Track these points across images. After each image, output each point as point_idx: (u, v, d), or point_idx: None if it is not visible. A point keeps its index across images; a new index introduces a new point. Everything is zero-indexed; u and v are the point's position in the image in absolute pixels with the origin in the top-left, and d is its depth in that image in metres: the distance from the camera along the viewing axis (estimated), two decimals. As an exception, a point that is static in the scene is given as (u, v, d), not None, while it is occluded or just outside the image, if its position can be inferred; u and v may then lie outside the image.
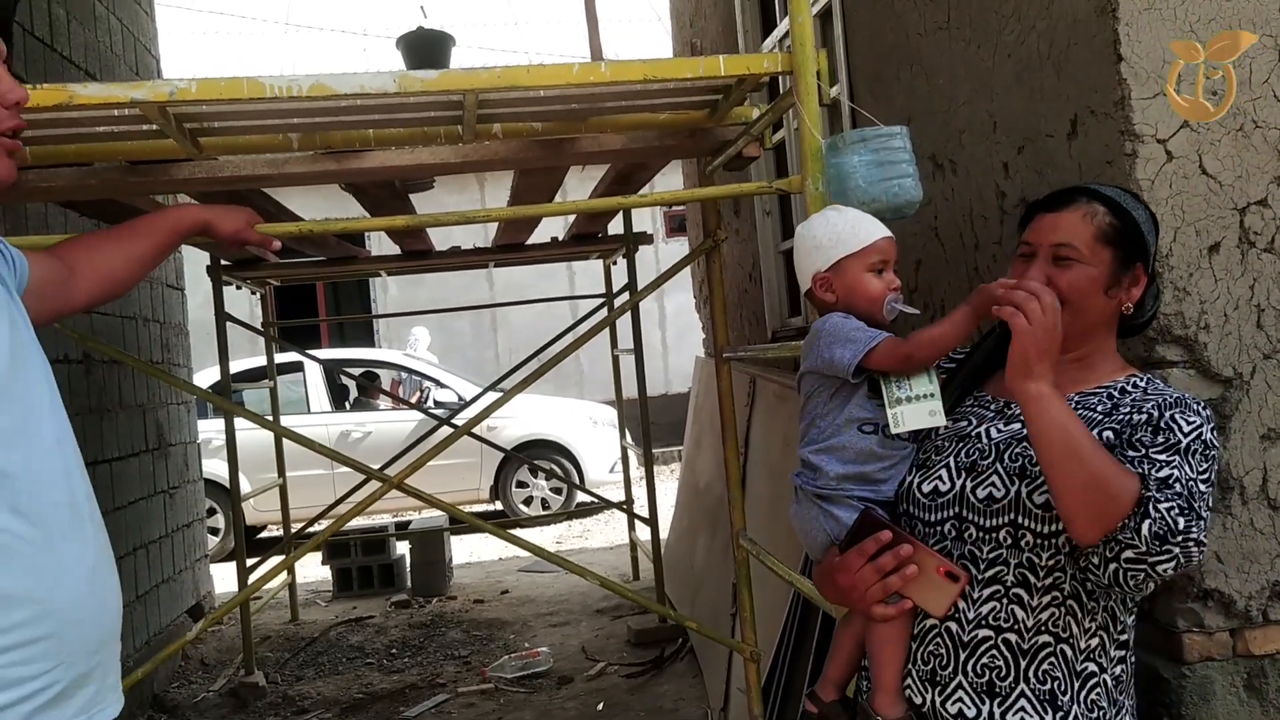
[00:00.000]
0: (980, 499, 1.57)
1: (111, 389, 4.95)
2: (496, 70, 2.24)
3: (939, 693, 1.58)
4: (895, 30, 3.55)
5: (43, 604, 1.32)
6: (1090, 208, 1.63)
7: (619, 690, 4.94)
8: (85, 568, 1.40)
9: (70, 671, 1.35)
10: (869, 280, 1.77)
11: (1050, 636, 1.53)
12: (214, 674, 5.63)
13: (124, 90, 2.14)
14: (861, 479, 1.68)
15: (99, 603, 1.43)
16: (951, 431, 1.68)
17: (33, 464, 1.35)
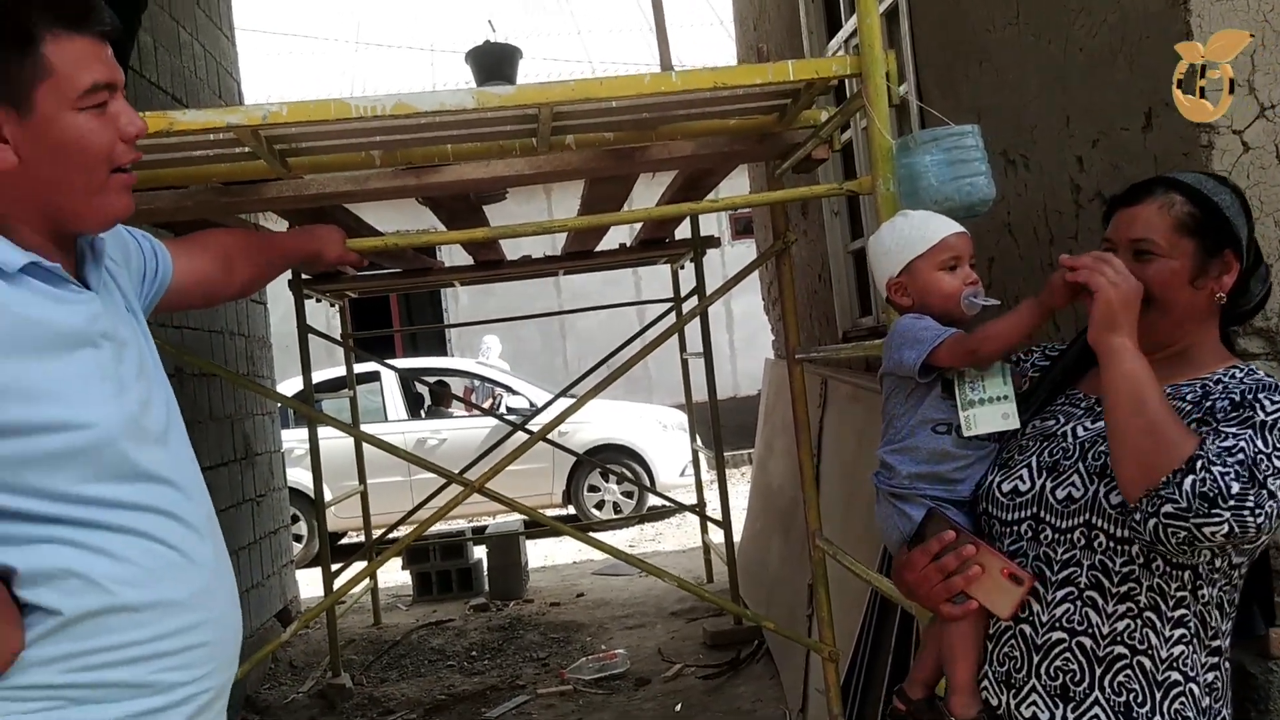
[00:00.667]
0: (1059, 500, 1.54)
1: (202, 401, 5.13)
2: (570, 83, 2.31)
3: (1013, 695, 1.56)
4: (963, 27, 3.55)
5: (202, 612, 1.39)
6: (1167, 198, 1.58)
7: (696, 692, 4.98)
8: (229, 580, 1.50)
9: (218, 679, 1.44)
10: (941, 278, 1.76)
11: (1125, 649, 1.49)
12: (302, 676, 5.79)
13: (220, 115, 2.25)
14: (935, 478, 1.69)
15: (238, 616, 1.52)
16: (1037, 430, 1.65)
17: (179, 476, 1.43)
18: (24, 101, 1.29)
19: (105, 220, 1.41)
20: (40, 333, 1.29)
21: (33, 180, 1.32)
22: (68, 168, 1.33)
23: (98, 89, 1.33)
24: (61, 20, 1.31)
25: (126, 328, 1.46)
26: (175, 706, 1.35)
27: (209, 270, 1.82)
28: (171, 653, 1.35)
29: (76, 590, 1.27)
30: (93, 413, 1.31)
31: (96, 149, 1.34)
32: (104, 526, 1.30)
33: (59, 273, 1.35)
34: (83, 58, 1.32)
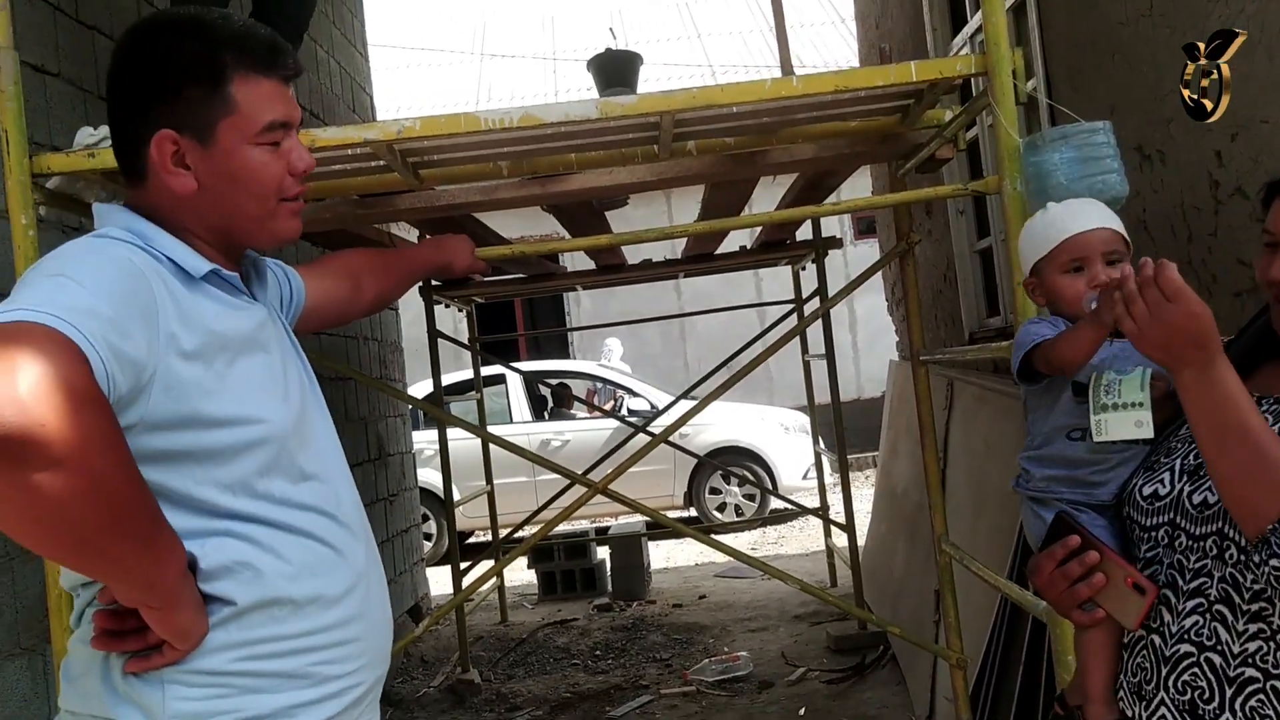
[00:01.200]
0: (1195, 504, 1.46)
1: (338, 403, 5.35)
2: (692, 91, 2.34)
3: (1144, 707, 1.50)
4: (1093, 20, 3.46)
5: (356, 608, 1.46)
6: None
7: (820, 696, 4.95)
8: (381, 579, 1.57)
9: (372, 674, 1.50)
10: (1063, 283, 1.69)
11: (1258, 672, 1.40)
12: (433, 671, 5.97)
13: (358, 132, 2.36)
14: (1073, 481, 1.64)
15: (388, 614, 1.58)
16: (1189, 432, 1.54)
17: (334, 478, 1.51)
18: (208, 134, 1.41)
19: (274, 240, 1.52)
20: (222, 337, 1.38)
21: (210, 203, 1.44)
22: (241, 195, 1.44)
23: (274, 127, 1.45)
24: (250, 64, 1.43)
25: (286, 342, 1.57)
26: (331, 698, 1.42)
27: (339, 291, 1.93)
28: (328, 646, 1.42)
29: (248, 582, 1.35)
30: (265, 411, 1.40)
31: (268, 180, 1.45)
32: (271, 523, 1.38)
33: (236, 282, 1.46)
34: (265, 98, 1.44)
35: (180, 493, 1.32)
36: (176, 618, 1.30)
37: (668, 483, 9.57)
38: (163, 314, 1.29)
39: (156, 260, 1.37)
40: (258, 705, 1.35)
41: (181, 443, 1.32)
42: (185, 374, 1.31)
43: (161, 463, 1.31)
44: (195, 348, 1.33)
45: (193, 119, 1.41)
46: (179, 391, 1.30)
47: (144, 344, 1.25)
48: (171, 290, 1.34)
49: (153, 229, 1.41)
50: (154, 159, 1.41)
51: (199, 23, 1.45)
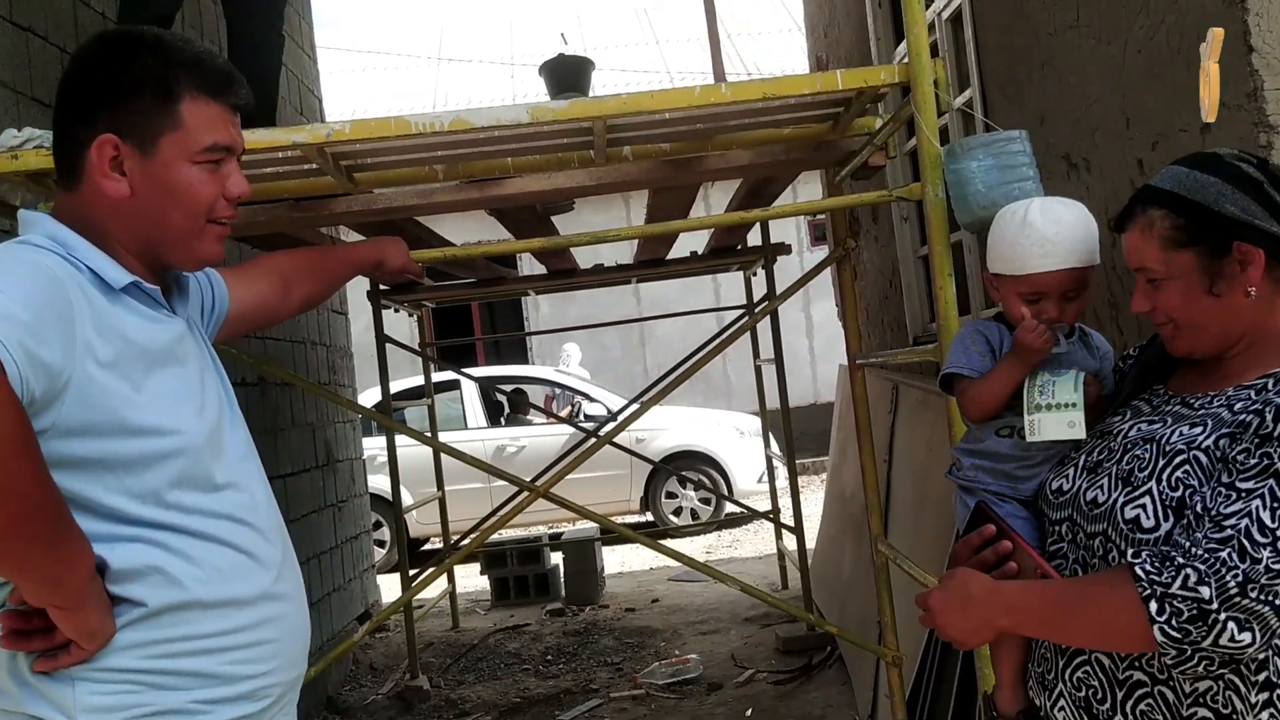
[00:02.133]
0: (1087, 502, 1.48)
1: (284, 409, 5.31)
2: (622, 97, 2.37)
3: (1048, 697, 1.53)
4: (1025, 31, 3.53)
5: (268, 610, 1.49)
6: (1145, 219, 1.45)
7: (768, 697, 4.98)
8: (297, 582, 1.59)
9: (285, 676, 1.53)
10: (1016, 304, 1.73)
11: (1145, 675, 1.40)
12: (382, 678, 5.94)
13: (287, 134, 2.36)
14: (999, 474, 1.69)
15: (305, 617, 1.61)
16: (1101, 428, 1.60)
17: (250, 486, 1.54)
18: (150, 144, 1.45)
19: (196, 261, 1.55)
20: (139, 349, 1.41)
21: (140, 212, 1.47)
22: (173, 208, 1.47)
23: (216, 150, 1.49)
24: (201, 86, 1.48)
25: (205, 356, 1.59)
26: (243, 699, 1.45)
27: (266, 294, 1.94)
28: (239, 647, 1.45)
29: (159, 585, 1.38)
30: (179, 423, 1.43)
31: (200, 199, 1.48)
32: (183, 530, 1.41)
33: (156, 295, 1.48)
34: (210, 121, 1.48)
35: (90, 499, 1.35)
36: (83, 618, 1.32)
37: (624, 487, 9.59)
38: (79, 322, 1.32)
39: (77, 269, 1.39)
40: (167, 701, 1.38)
41: (94, 450, 1.34)
42: (101, 382, 1.33)
43: (73, 469, 1.33)
44: (111, 357, 1.35)
45: (138, 128, 1.45)
46: (93, 399, 1.32)
47: (59, 350, 1.27)
48: (90, 299, 1.36)
49: (75, 238, 1.43)
50: (92, 160, 1.45)
51: (161, 41, 1.51)
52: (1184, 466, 1.37)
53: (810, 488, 10.50)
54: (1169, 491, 1.36)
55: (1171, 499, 1.36)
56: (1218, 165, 1.46)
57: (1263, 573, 1.25)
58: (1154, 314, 1.49)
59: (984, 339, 1.77)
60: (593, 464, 9.13)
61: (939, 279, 2.32)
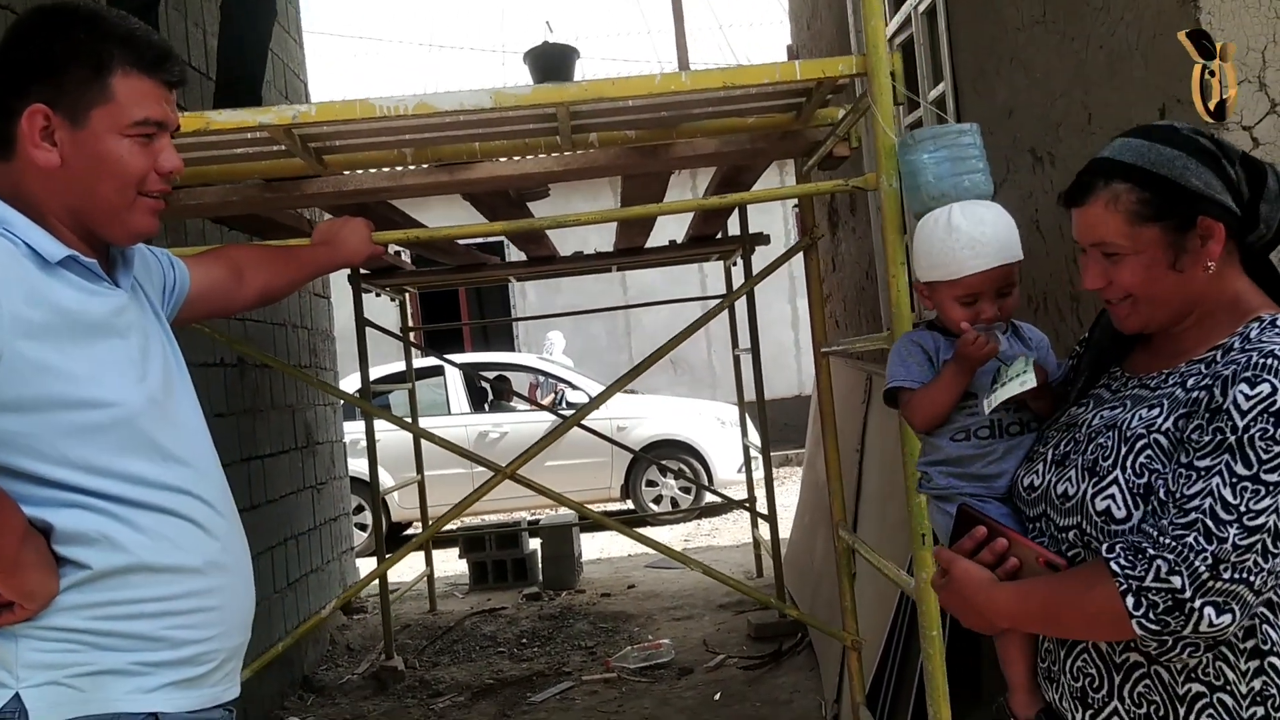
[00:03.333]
0: (1058, 495, 1.47)
1: (264, 390, 5.34)
2: (584, 84, 2.41)
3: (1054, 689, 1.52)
4: (994, 26, 3.57)
5: (214, 579, 1.53)
6: (1109, 192, 1.41)
7: (737, 682, 5.04)
8: (243, 553, 1.63)
9: (228, 643, 1.56)
10: (954, 308, 1.75)
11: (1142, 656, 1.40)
12: (358, 659, 5.99)
13: (253, 115, 2.40)
14: (970, 477, 1.69)
15: (249, 588, 1.65)
16: (1065, 420, 1.58)
17: (198, 459, 1.58)
18: (80, 116, 1.48)
19: (128, 235, 1.57)
20: (74, 320, 1.44)
21: (70, 183, 1.49)
22: (100, 180, 1.50)
23: (147, 124, 1.51)
24: (134, 61, 1.50)
25: (151, 327, 1.62)
26: (185, 663, 1.49)
27: (222, 282, 1.97)
28: (182, 612, 1.48)
29: (104, 550, 1.42)
30: (117, 394, 1.46)
31: (129, 171, 1.51)
32: (130, 500, 1.45)
33: (94, 268, 1.51)
34: (143, 96, 1.50)
35: (31, 470, 1.38)
36: (20, 580, 1.36)
37: (605, 475, 9.64)
38: (8, 297, 1.35)
39: (13, 244, 1.42)
40: (108, 661, 1.42)
41: (29, 423, 1.37)
42: (32, 356, 1.36)
43: (10, 443, 1.36)
44: (45, 330, 1.39)
45: (69, 100, 1.47)
46: (25, 374, 1.36)
47: None
48: (23, 273, 1.39)
49: (11, 213, 1.46)
50: (23, 130, 1.47)
51: (95, 15, 1.53)
52: (1146, 451, 1.36)
53: (793, 478, 10.55)
54: (1134, 479, 1.36)
55: (1138, 485, 1.36)
56: (1176, 138, 1.42)
57: (1230, 551, 1.25)
58: (1108, 290, 1.45)
59: (920, 349, 1.79)
60: (574, 451, 9.30)
61: (891, 267, 2.37)
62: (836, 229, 6.22)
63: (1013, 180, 3.50)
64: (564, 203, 9.11)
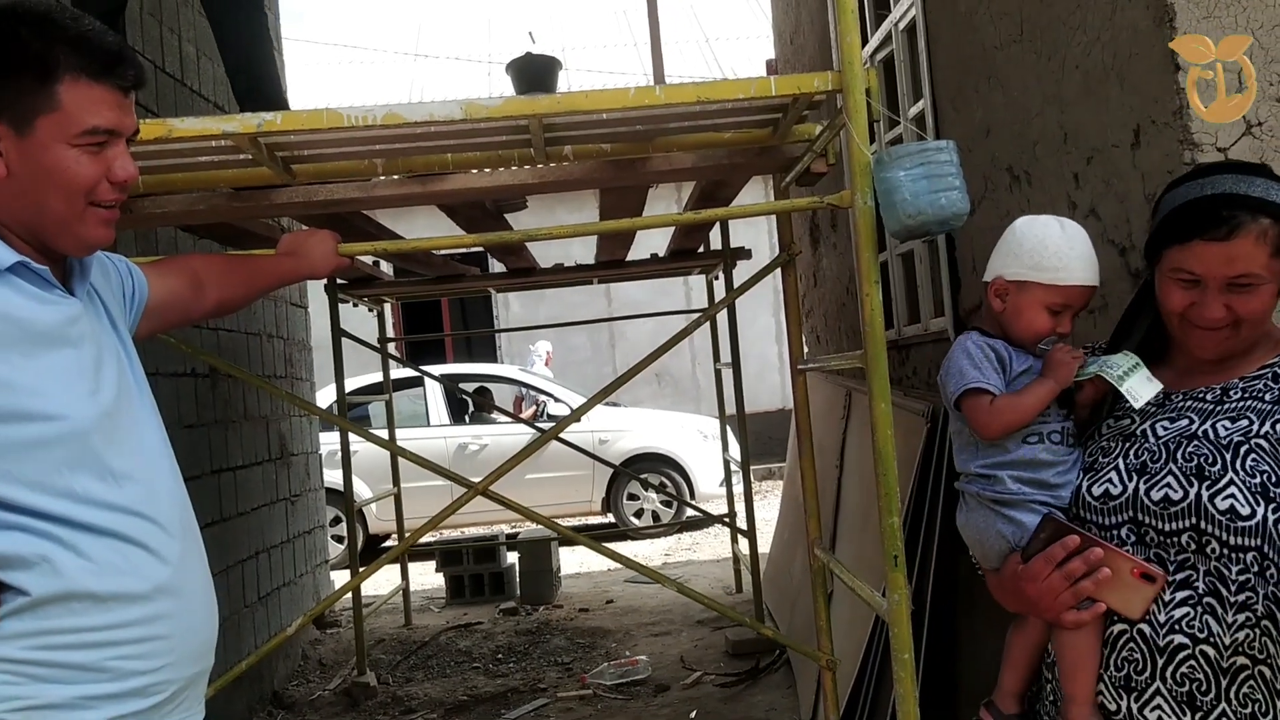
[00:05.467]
0: (1155, 501, 1.51)
1: (236, 401, 5.28)
2: (557, 96, 2.38)
3: (1135, 698, 1.52)
4: (972, 44, 3.56)
5: (164, 606, 1.46)
6: (1258, 226, 1.51)
7: (713, 699, 5.00)
8: (200, 577, 1.56)
9: (180, 672, 1.49)
10: (1039, 315, 1.72)
11: (1247, 659, 1.45)
12: (330, 674, 5.91)
13: (216, 123, 2.35)
14: (1039, 484, 1.66)
15: (209, 613, 1.58)
16: (1115, 431, 1.63)
17: (151, 478, 1.51)
18: (25, 125, 1.41)
19: (80, 246, 1.51)
20: (22, 329, 1.38)
21: (18, 193, 1.43)
22: (49, 191, 1.44)
23: (97, 132, 1.44)
24: (83, 67, 1.43)
25: (107, 338, 1.56)
26: (132, 695, 1.42)
27: (178, 290, 1.91)
28: (128, 641, 1.42)
29: (45, 575, 1.35)
30: (66, 407, 1.40)
31: (78, 181, 1.45)
32: (73, 522, 1.38)
33: (46, 275, 1.45)
34: (93, 103, 1.43)
35: None
36: None
37: (586, 488, 9.59)
38: None
39: None
40: (49, 694, 1.35)
41: None
42: None
43: None
44: None
45: (13, 107, 1.41)
46: None
47: None
48: None
49: None
50: None
51: (44, 17, 1.45)
52: (1251, 455, 1.47)
53: (775, 492, 10.52)
54: (1248, 479, 1.45)
55: (1254, 485, 1.44)
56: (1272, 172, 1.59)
57: None
58: (1224, 319, 1.54)
59: (994, 353, 1.73)
60: (555, 464, 9.24)
61: (865, 286, 2.34)
62: (818, 245, 6.20)
63: (991, 198, 3.49)
64: (547, 214, 9.07)
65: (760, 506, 7.35)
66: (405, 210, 6.32)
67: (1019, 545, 1.64)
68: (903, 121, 3.27)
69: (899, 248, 4.69)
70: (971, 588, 3.32)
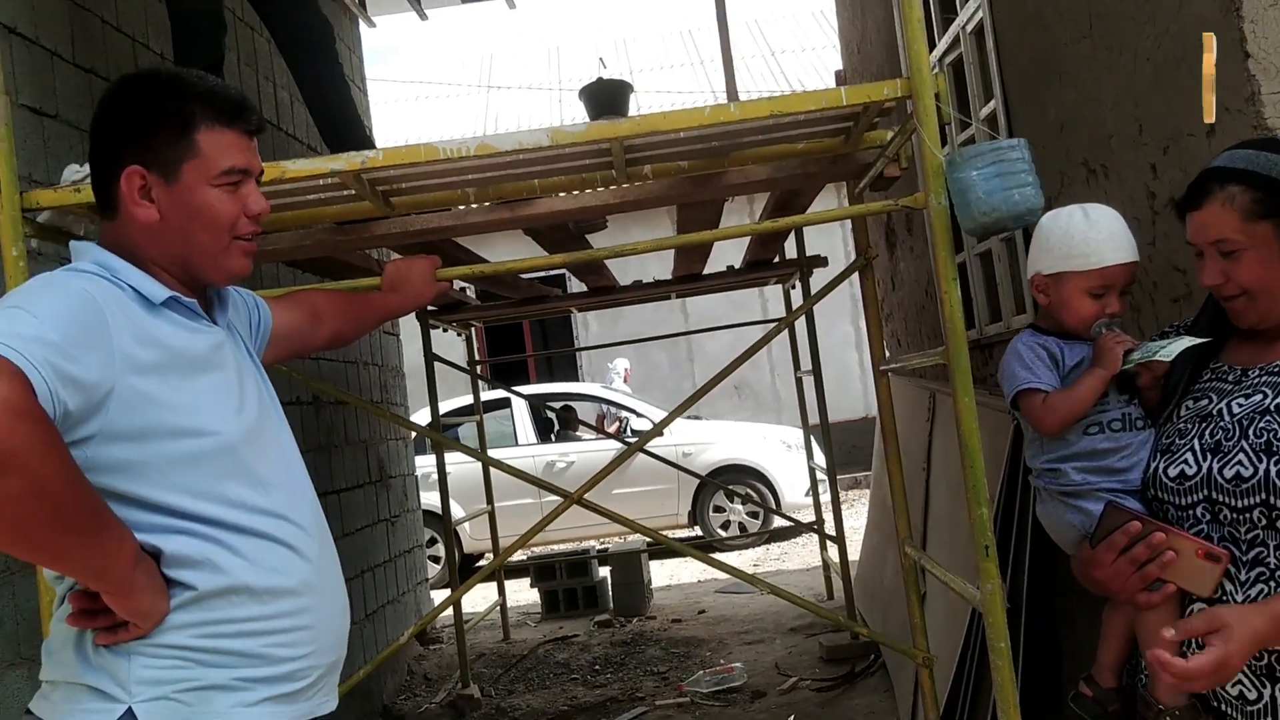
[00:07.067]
0: (1228, 479, 1.53)
1: (338, 427, 5.51)
2: (636, 119, 2.50)
3: None
4: (1042, 42, 3.60)
5: (308, 599, 1.62)
6: (1225, 193, 1.56)
7: (810, 704, 5.04)
8: (335, 573, 1.73)
9: (323, 659, 1.66)
10: (1083, 302, 1.80)
11: None
12: (435, 688, 6.09)
13: (324, 163, 2.53)
14: (1104, 471, 1.72)
15: (344, 606, 1.75)
16: (1193, 411, 1.65)
17: (291, 485, 1.68)
18: (173, 172, 1.61)
19: (226, 276, 1.70)
20: (178, 356, 1.56)
21: (170, 234, 1.63)
22: (197, 229, 1.63)
23: (233, 173, 1.64)
24: (215, 116, 1.63)
25: (245, 362, 1.74)
26: (283, 679, 1.58)
27: (300, 322, 2.11)
28: (280, 631, 1.58)
29: (209, 572, 1.52)
30: (219, 424, 1.57)
31: (222, 218, 1.64)
32: (232, 525, 1.55)
33: (194, 308, 1.63)
34: (227, 147, 1.63)
35: (143, 497, 1.49)
36: (132, 601, 1.47)
37: (672, 502, 9.69)
38: (117, 337, 1.46)
39: (120, 289, 1.55)
40: (213, 677, 1.52)
41: (141, 452, 1.48)
42: (143, 390, 1.48)
43: (125, 470, 1.48)
44: (153, 365, 1.50)
45: (160, 159, 1.61)
46: (136, 406, 1.47)
47: (95, 366, 1.42)
48: (130, 315, 1.51)
49: (119, 262, 1.59)
50: (124, 191, 1.61)
51: (177, 78, 1.67)
52: None
53: (862, 500, 10.50)
54: None
55: None
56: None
57: None
58: (1225, 286, 1.59)
59: (1045, 351, 1.82)
60: (641, 479, 9.36)
61: (944, 284, 2.41)
62: (894, 249, 6.24)
63: (1068, 193, 3.52)
64: (623, 234, 9.23)
65: (848, 515, 7.36)
66: (487, 237, 6.51)
67: (1088, 532, 1.70)
68: (974, 123, 3.32)
69: (976, 248, 4.71)
70: (1069, 576, 3.35)
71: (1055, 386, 1.79)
